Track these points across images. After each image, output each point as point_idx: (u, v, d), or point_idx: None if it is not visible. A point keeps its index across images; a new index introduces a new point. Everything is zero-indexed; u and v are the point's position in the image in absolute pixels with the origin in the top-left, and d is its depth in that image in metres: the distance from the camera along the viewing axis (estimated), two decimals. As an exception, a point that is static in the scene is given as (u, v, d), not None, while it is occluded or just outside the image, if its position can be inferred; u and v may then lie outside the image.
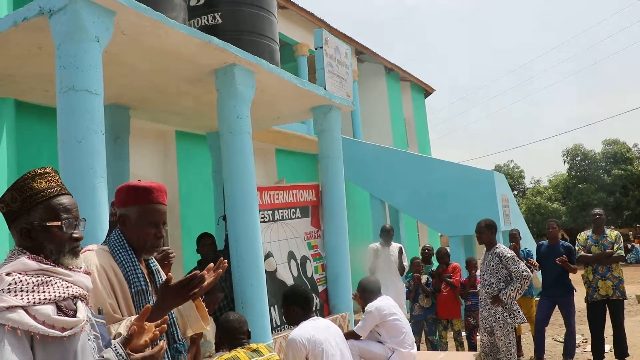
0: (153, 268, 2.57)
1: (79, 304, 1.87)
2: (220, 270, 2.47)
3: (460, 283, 7.56)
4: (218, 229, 6.61)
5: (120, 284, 2.36)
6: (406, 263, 7.79)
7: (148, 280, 2.47)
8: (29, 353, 1.67)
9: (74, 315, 1.82)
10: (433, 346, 7.61)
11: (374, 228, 12.13)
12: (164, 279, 2.52)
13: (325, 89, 6.30)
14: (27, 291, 1.72)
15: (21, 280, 1.73)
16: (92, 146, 3.50)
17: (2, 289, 1.69)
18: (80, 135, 3.48)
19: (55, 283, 1.81)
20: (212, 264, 2.49)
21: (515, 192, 33.40)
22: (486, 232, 5.80)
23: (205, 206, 7.87)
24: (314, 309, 4.31)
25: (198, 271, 2.31)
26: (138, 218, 2.41)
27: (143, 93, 5.51)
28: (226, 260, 2.53)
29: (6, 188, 1.92)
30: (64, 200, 1.93)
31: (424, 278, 7.73)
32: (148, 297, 2.40)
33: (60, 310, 1.79)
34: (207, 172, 7.68)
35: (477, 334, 7.52)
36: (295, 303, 4.11)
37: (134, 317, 2.26)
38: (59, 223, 1.87)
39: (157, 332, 2.00)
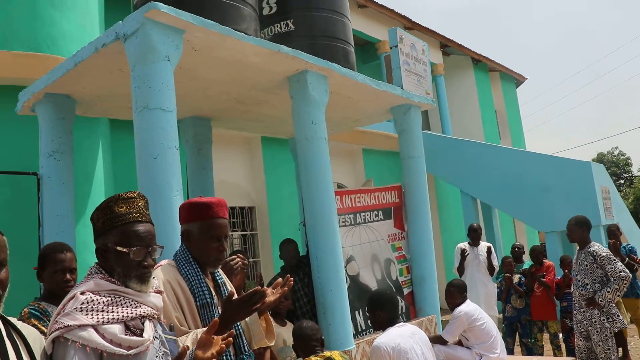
0: (219, 280, 2.63)
1: (147, 323, 1.95)
2: (286, 288, 2.49)
3: (555, 283, 7.21)
4: (301, 234, 6.69)
5: (186, 297, 2.44)
6: (496, 263, 7.52)
7: (214, 292, 2.53)
8: None
9: (141, 335, 1.90)
10: (528, 350, 7.30)
11: (466, 226, 11.80)
12: (229, 291, 2.58)
13: (402, 88, 6.20)
14: (98, 310, 1.82)
15: (93, 300, 1.84)
16: (166, 162, 3.64)
17: (76, 308, 1.81)
18: (155, 151, 3.62)
19: (125, 303, 1.91)
20: (280, 280, 2.52)
21: (622, 182, 31.43)
22: (576, 230, 5.48)
23: (294, 210, 7.99)
24: (399, 313, 4.23)
25: (259, 287, 2.35)
26: (200, 233, 2.49)
27: (221, 104, 5.66)
28: (292, 278, 2.55)
29: (104, 200, 2.05)
30: (140, 227, 2.01)
31: (516, 278, 7.44)
32: (213, 310, 2.46)
33: (128, 329, 1.88)
34: (294, 176, 7.78)
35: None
36: (380, 308, 4.06)
37: (200, 330, 2.33)
38: (128, 250, 1.96)
39: (224, 345, 2.04)
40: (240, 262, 3.11)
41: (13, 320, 1.78)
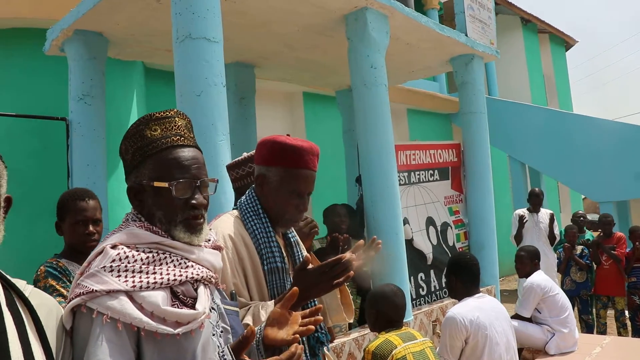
0: (292, 239, 2.07)
1: (201, 289, 1.39)
2: (373, 252, 1.94)
3: (623, 256, 6.60)
4: (352, 191, 6.22)
5: (252, 259, 1.90)
6: (557, 231, 6.92)
7: (285, 254, 1.99)
8: (129, 354, 1.22)
9: (193, 306, 1.33)
10: (588, 326, 6.73)
11: (514, 192, 11.23)
12: (303, 255, 2.04)
13: (466, 35, 5.57)
14: (134, 271, 1.27)
15: (127, 256, 1.28)
16: (212, 100, 3.11)
17: (104, 267, 1.25)
18: (199, 88, 3.09)
19: (171, 261, 1.34)
20: (361, 241, 1.93)
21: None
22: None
23: (336, 169, 7.44)
24: (479, 282, 3.73)
25: (347, 254, 1.75)
26: (280, 183, 1.93)
27: (268, 48, 5.10)
28: (380, 240, 2.02)
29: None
30: (182, 153, 1.42)
31: (578, 249, 6.84)
32: (285, 277, 1.91)
33: (176, 297, 1.32)
34: (337, 134, 7.23)
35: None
36: (457, 273, 3.60)
37: (263, 304, 1.79)
38: (167, 184, 1.38)
39: (312, 327, 1.50)
40: (316, 227, 2.55)
41: (20, 284, 1.22)
